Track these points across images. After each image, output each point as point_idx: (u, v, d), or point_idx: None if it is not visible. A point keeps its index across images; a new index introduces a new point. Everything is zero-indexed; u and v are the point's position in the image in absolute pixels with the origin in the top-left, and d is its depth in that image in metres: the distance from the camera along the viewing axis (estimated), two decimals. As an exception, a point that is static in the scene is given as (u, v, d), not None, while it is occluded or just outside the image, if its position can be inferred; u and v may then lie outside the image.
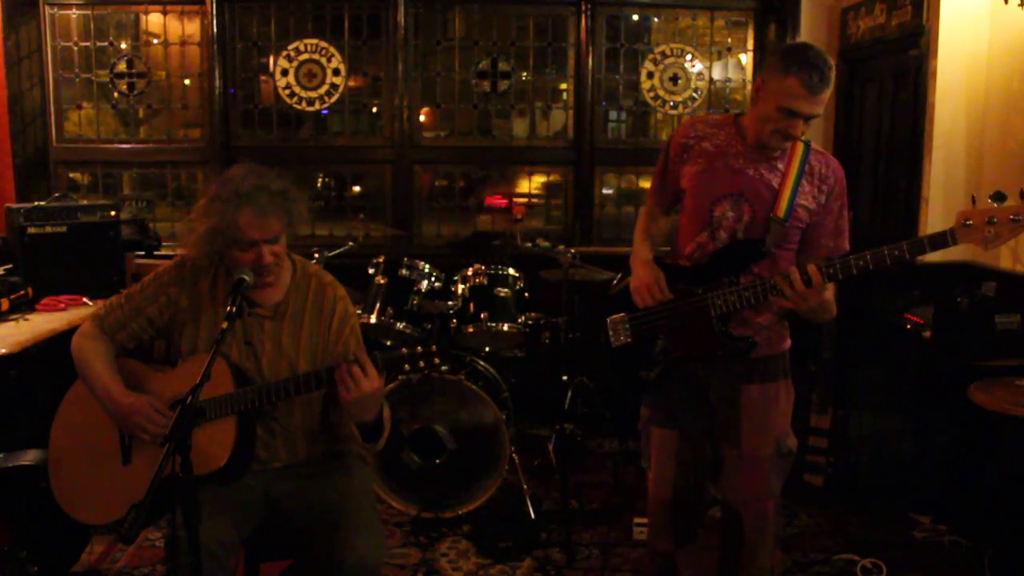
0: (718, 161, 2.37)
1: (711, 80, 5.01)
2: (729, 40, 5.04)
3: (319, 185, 5.12)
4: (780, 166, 2.34)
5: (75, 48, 4.83)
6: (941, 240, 2.08)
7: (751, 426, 2.42)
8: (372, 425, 2.24)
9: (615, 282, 2.62)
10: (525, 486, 3.62)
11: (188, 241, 2.23)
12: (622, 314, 2.50)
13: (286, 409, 2.30)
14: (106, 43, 4.84)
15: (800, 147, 2.34)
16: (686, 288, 2.38)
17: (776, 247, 2.33)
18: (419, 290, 3.74)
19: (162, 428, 2.14)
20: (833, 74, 2.21)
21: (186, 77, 4.91)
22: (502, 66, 4.95)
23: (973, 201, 2.08)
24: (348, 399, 2.11)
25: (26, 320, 3.39)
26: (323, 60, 4.86)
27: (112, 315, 2.33)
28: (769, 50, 2.10)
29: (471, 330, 3.69)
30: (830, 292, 2.26)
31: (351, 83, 4.93)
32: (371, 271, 3.78)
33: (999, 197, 2.02)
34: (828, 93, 2.21)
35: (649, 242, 2.56)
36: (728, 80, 5.06)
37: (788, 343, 2.49)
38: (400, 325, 3.65)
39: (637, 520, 3.38)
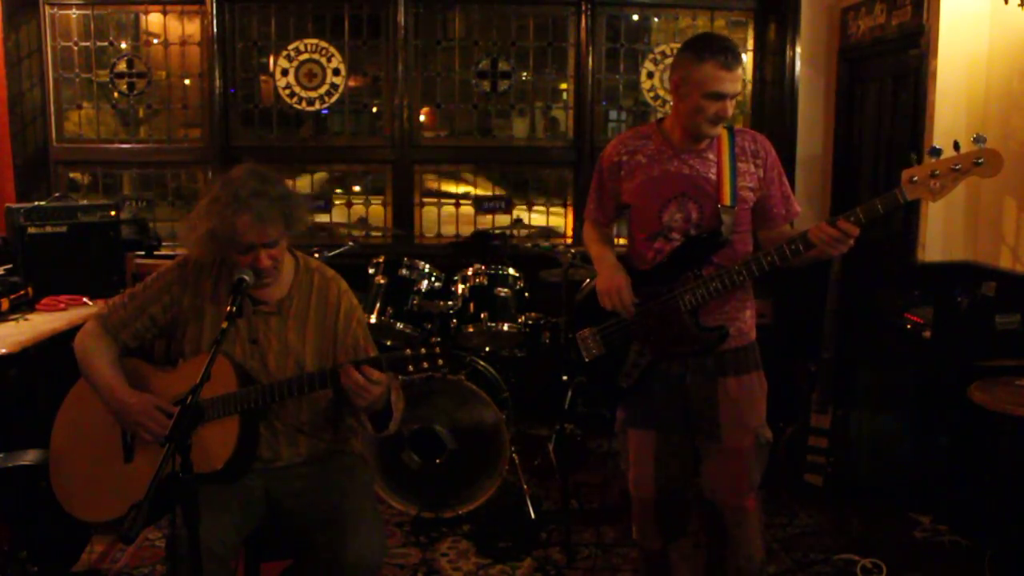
0: (654, 169, 2.44)
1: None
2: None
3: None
4: (711, 156, 2.41)
5: (75, 48, 4.83)
6: (892, 200, 2.22)
7: (730, 420, 2.45)
8: (382, 413, 2.26)
9: (581, 291, 2.64)
10: (525, 486, 3.62)
11: (188, 241, 2.23)
12: (590, 328, 2.53)
13: (289, 408, 2.30)
14: (106, 43, 4.84)
15: (725, 133, 2.42)
16: (651, 290, 2.42)
17: (731, 233, 2.39)
18: (419, 290, 3.74)
19: (164, 428, 2.14)
20: (739, 49, 2.32)
21: (186, 77, 4.91)
22: (502, 66, 4.95)
23: (914, 160, 2.23)
24: (361, 404, 2.15)
25: (26, 320, 3.39)
26: (323, 60, 4.87)
27: (115, 314, 2.34)
28: (677, 53, 2.24)
29: (471, 330, 3.69)
30: None
31: (351, 83, 4.93)
32: (371, 271, 3.78)
33: (936, 152, 2.19)
34: (741, 70, 2.33)
35: (608, 246, 2.61)
36: (728, 80, 5.05)
37: (755, 332, 2.53)
38: (400, 325, 3.66)
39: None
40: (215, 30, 4.75)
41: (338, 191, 3.92)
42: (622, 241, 2.99)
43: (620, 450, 2.67)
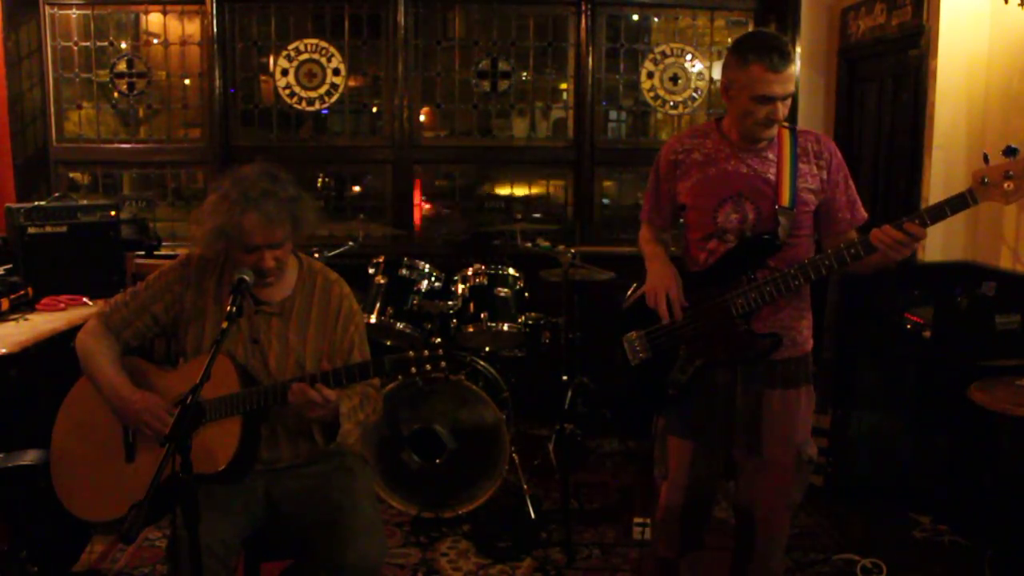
0: (710, 168, 2.37)
1: (711, 80, 5.00)
2: (729, 40, 5.04)
3: (319, 185, 5.12)
4: (771, 156, 2.33)
5: (75, 48, 4.83)
6: (961, 202, 2.07)
7: (772, 433, 2.38)
8: (331, 425, 2.24)
9: (629, 294, 2.56)
10: (525, 486, 3.62)
11: (194, 236, 2.23)
12: (639, 331, 2.45)
13: (290, 410, 2.29)
14: (106, 43, 4.84)
15: (786, 133, 2.34)
16: (703, 293, 2.35)
17: (789, 236, 2.30)
18: (419, 290, 3.74)
19: (167, 426, 2.14)
20: (791, 48, 2.25)
21: (186, 77, 4.91)
22: (502, 66, 4.95)
23: (986, 160, 2.07)
24: (311, 417, 2.17)
25: (26, 320, 3.39)
26: (323, 60, 4.86)
27: (117, 313, 2.34)
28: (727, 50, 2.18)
29: (471, 330, 3.69)
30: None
31: (351, 83, 4.93)
32: (371, 271, 3.78)
33: (1011, 152, 2.02)
34: (793, 69, 2.23)
35: (661, 245, 2.52)
36: (728, 80, 5.06)
37: (811, 344, 2.45)
38: (400, 325, 3.65)
39: (637, 520, 3.37)
40: (215, 30, 4.75)
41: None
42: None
43: (657, 457, 2.58)
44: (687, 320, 2.36)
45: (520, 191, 5.14)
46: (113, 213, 3.93)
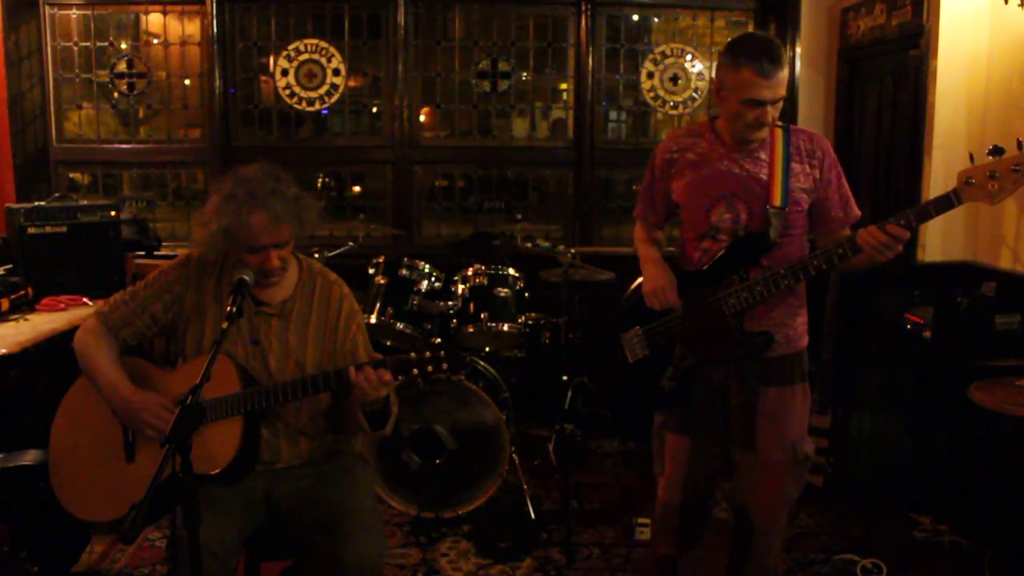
0: (704, 168, 2.39)
1: (711, 80, 5.00)
2: (729, 40, 5.04)
3: (319, 185, 5.12)
4: (763, 156, 2.35)
5: (75, 48, 4.83)
6: (946, 202, 2.08)
7: (766, 431, 2.40)
8: (380, 412, 2.26)
9: (628, 292, 2.59)
10: (525, 486, 3.62)
11: (198, 238, 2.22)
12: (636, 328, 2.48)
13: (290, 410, 2.30)
14: (106, 43, 4.84)
15: (779, 132, 2.35)
16: (696, 292, 2.37)
17: (781, 236, 2.32)
18: (419, 290, 3.74)
19: (168, 426, 2.14)
20: (783, 52, 2.25)
21: (186, 77, 4.91)
22: (502, 66, 4.95)
23: (972, 159, 2.08)
24: (366, 401, 2.15)
25: (26, 320, 3.39)
26: (323, 60, 4.87)
27: (116, 312, 2.33)
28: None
29: (471, 330, 3.69)
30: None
31: (351, 83, 4.93)
32: (371, 271, 3.78)
33: (997, 151, 2.02)
34: (785, 73, 2.24)
35: (655, 246, 2.55)
36: (728, 80, 5.06)
37: (806, 340, 2.46)
38: (400, 325, 3.65)
39: (640, 520, 3.38)
40: (215, 30, 4.75)
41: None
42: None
43: (655, 454, 2.59)
44: (682, 318, 2.39)
45: (520, 191, 5.14)
46: (113, 213, 3.94)
